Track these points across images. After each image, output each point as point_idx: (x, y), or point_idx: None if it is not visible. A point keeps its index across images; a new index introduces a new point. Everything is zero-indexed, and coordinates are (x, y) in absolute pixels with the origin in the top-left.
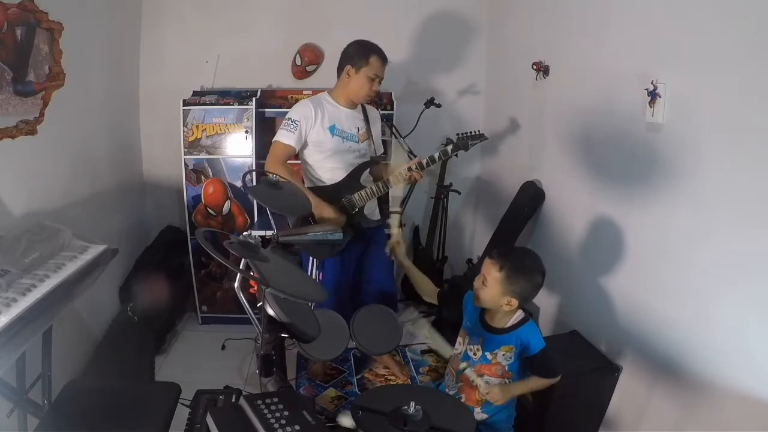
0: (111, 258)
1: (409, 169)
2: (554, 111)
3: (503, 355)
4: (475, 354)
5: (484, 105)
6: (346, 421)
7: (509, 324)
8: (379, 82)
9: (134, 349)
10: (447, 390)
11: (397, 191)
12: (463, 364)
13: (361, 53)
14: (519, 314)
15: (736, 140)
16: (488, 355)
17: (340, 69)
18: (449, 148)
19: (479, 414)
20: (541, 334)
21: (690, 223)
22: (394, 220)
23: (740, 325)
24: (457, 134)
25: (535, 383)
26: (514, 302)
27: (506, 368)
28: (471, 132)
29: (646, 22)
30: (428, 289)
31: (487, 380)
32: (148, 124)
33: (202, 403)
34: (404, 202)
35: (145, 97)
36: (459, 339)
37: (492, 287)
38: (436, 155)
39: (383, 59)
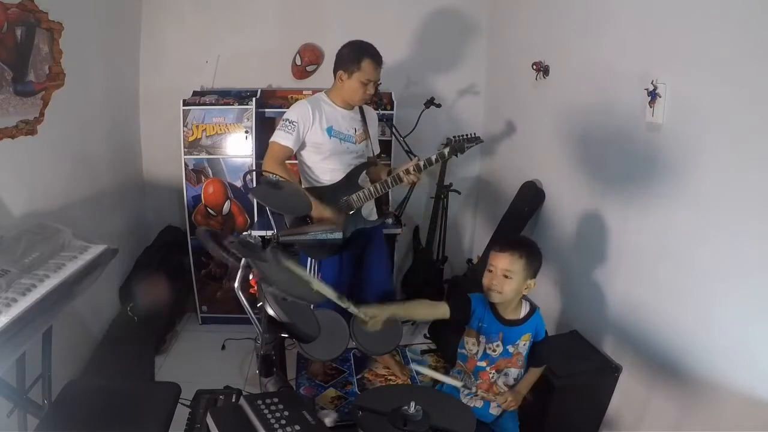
0: (111, 258)
1: (407, 171)
2: (554, 111)
3: (524, 344)
4: (494, 351)
5: (484, 105)
6: None
7: (523, 314)
8: (375, 85)
9: (134, 349)
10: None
11: None
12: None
13: (352, 58)
14: (527, 304)
15: (736, 140)
16: (510, 348)
17: (334, 72)
18: (446, 150)
19: (494, 408)
20: None
21: (690, 222)
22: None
23: (740, 325)
24: (453, 137)
25: (534, 375)
26: (532, 282)
27: (524, 357)
28: (466, 135)
29: (646, 22)
30: (424, 313)
31: (507, 372)
32: (148, 124)
33: (202, 403)
34: (402, 205)
35: (145, 97)
36: (471, 340)
37: (516, 277)
38: (433, 158)
39: (377, 62)
